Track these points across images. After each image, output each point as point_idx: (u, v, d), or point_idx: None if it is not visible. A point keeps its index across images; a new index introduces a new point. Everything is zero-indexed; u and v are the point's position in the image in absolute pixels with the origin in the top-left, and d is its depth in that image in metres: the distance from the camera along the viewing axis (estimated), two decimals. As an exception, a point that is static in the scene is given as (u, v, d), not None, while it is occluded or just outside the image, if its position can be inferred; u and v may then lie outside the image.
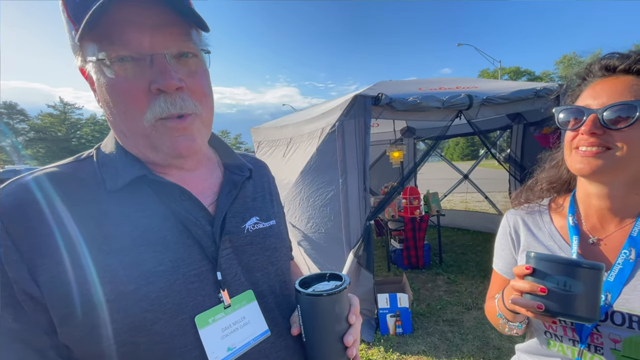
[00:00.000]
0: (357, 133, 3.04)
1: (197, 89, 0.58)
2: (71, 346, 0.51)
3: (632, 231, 0.73)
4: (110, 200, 0.56)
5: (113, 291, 0.50)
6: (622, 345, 0.68)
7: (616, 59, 0.73)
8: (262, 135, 5.30)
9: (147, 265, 0.53)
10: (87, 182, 0.57)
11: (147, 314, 0.51)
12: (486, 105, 3.29)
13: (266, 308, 0.65)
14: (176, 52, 0.55)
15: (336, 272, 0.69)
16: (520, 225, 0.90)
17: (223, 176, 0.71)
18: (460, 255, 5.24)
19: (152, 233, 0.56)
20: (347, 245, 3.11)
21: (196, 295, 0.57)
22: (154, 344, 0.52)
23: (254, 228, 0.69)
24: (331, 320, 0.62)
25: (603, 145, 0.69)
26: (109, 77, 0.53)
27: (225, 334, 0.58)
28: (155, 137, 0.56)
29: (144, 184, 0.59)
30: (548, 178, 0.92)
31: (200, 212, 0.61)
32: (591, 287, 0.62)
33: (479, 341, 2.94)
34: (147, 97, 0.53)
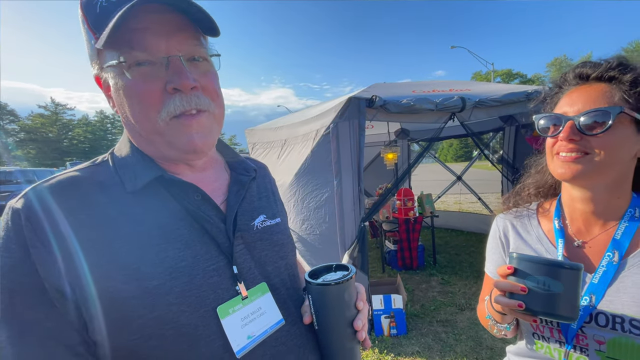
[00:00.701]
0: (352, 135, 3.05)
1: (209, 88, 0.62)
2: (100, 341, 0.53)
3: (615, 234, 0.75)
4: (130, 201, 0.59)
5: (138, 287, 0.53)
6: (607, 347, 0.70)
7: (588, 67, 0.76)
8: (257, 137, 5.29)
9: (169, 261, 0.56)
10: (105, 184, 0.60)
11: (173, 307, 0.54)
12: (479, 108, 3.33)
13: (279, 299, 0.69)
14: (189, 56, 0.59)
15: (342, 263, 0.73)
16: (510, 229, 0.92)
17: (230, 177, 0.76)
18: (454, 256, 5.28)
19: (171, 231, 0.59)
20: (342, 247, 3.12)
21: (216, 288, 0.60)
22: (180, 335, 0.55)
23: (262, 225, 0.73)
24: (341, 307, 0.66)
25: (581, 151, 0.72)
26: (128, 80, 0.56)
27: (244, 323, 0.61)
28: (170, 134, 0.59)
29: (159, 184, 0.62)
30: (535, 183, 0.94)
31: (213, 210, 0.65)
32: (570, 287, 0.64)
33: (472, 341, 2.96)
34: (162, 96, 0.57)
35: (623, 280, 0.71)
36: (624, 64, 0.73)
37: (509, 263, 0.71)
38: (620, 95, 0.70)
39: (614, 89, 0.71)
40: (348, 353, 0.69)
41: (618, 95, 0.70)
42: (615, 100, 0.70)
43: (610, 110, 0.68)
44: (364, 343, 0.71)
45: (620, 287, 0.70)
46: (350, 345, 0.69)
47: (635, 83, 0.70)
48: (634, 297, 0.68)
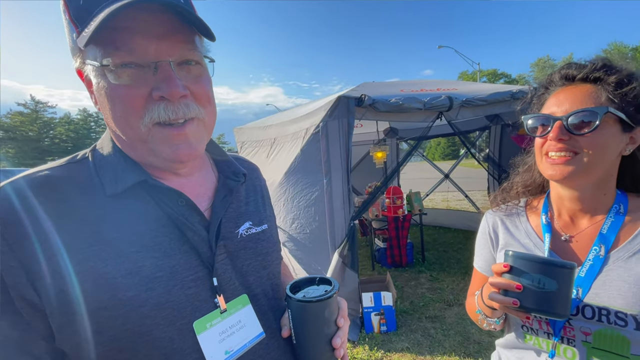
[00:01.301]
0: (341, 134, 3.06)
1: (201, 95, 0.59)
2: (68, 352, 0.51)
3: (602, 229, 0.77)
4: (108, 205, 0.56)
5: (112, 298, 0.50)
6: (593, 338, 0.72)
7: (574, 69, 0.78)
8: (246, 136, 5.25)
9: (146, 271, 0.53)
10: (83, 186, 0.56)
11: (147, 319, 0.52)
12: (466, 107, 3.39)
13: (260, 311, 0.67)
14: (180, 60, 0.55)
15: (326, 277, 0.70)
16: (499, 225, 0.94)
17: (217, 181, 0.72)
18: (442, 253, 5.36)
19: (150, 239, 0.56)
20: (332, 245, 3.13)
21: (194, 300, 0.57)
22: (153, 349, 0.52)
23: (247, 233, 0.70)
24: (320, 324, 0.64)
25: (571, 151, 0.73)
26: (111, 83, 0.52)
27: (222, 338, 0.59)
28: (153, 142, 0.56)
29: (141, 189, 0.59)
30: (522, 182, 0.97)
31: (196, 217, 0.62)
32: (564, 285, 0.65)
33: (460, 336, 3.01)
34: (145, 103, 0.53)
35: (609, 273, 0.73)
36: (607, 65, 0.75)
37: (505, 261, 0.72)
38: (606, 96, 0.72)
39: (599, 89, 0.73)
40: None
41: (604, 95, 0.72)
42: (601, 100, 0.72)
43: (598, 110, 0.70)
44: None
45: (606, 280, 0.73)
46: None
47: (619, 84, 0.72)
48: (619, 290, 0.70)
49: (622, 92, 0.72)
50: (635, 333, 0.67)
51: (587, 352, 0.73)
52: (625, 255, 0.73)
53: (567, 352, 0.76)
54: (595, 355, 0.72)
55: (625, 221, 0.76)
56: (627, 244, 0.74)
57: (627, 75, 0.73)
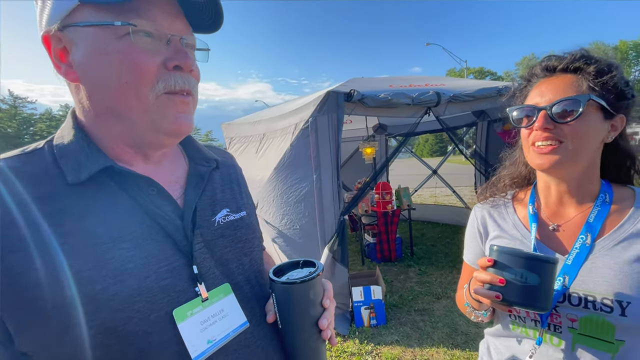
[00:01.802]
0: (330, 129, 3.05)
1: (197, 77, 0.62)
2: (32, 354, 0.48)
3: (589, 218, 0.79)
4: (70, 195, 0.52)
5: (78, 293, 0.47)
6: (579, 324, 0.74)
7: (554, 60, 0.80)
8: (234, 131, 5.18)
9: (114, 263, 0.50)
10: (39, 177, 0.53)
11: (118, 313, 0.49)
12: (453, 102, 3.42)
13: (243, 299, 0.65)
14: (187, 41, 0.59)
15: (310, 259, 0.70)
16: (487, 218, 0.95)
17: (189, 168, 0.70)
18: (431, 247, 5.43)
19: (118, 229, 0.53)
20: (322, 241, 3.13)
21: (170, 291, 0.55)
22: (128, 344, 0.50)
23: (224, 220, 0.69)
24: (306, 306, 0.64)
25: (556, 139, 0.75)
26: (124, 45, 0.52)
27: (204, 327, 0.57)
28: (156, 112, 0.56)
29: (107, 176, 0.56)
30: (509, 175, 0.98)
31: (169, 205, 0.60)
32: (546, 279, 0.67)
33: (448, 328, 3.07)
34: (157, 71, 0.55)
35: (594, 261, 0.74)
36: (586, 55, 0.77)
37: (489, 255, 0.73)
38: (586, 85, 0.74)
39: (580, 79, 0.75)
40: (312, 353, 0.67)
41: (585, 84, 0.74)
42: (582, 89, 0.74)
43: (580, 98, 0.72)
44: (330, 341, 0.68)
45: (592, 267, 0.74)
46: (314, 345, 0.66)
47: (599, 73, 0.74)
48: (605, 277, 0.72)
49: (602, 80, 0.74)
50: (620, 319, 0.69)
51: (573, 338, 0.75)
52: (610, 243, 0.75)
53: (553, 339, 0.77)
54: (581, 341, 0.74)
55: (611, 210, 0.78)
56: (613, 233, 0.75)
57: (606, 64, 0.76)
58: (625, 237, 0.74)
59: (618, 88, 0.75)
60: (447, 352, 2.73)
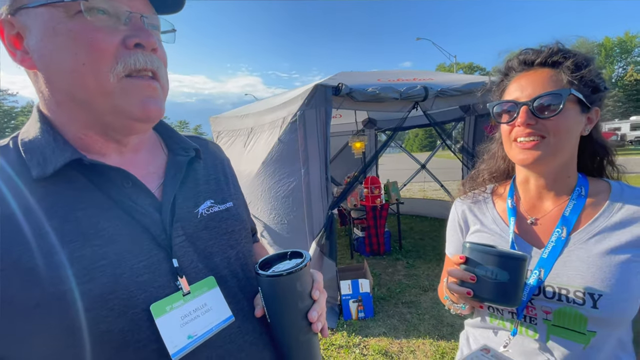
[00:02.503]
0: (319, 123, 3.04)
1: (162, 58, 0.58)
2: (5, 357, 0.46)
3: (565, 211, 0.80)
4: (36, 191, 0.50)
5: (43, 294, 0.45)
6: (553, 316, 0.75)
7: (532, 54, 0.79)
8: (222, 125, 5.11)
9: (85, 261, 0.48)
10: (3, 172, 0.51)
11: (89, 313, 0.47)
12: (440, 97, 3.44)
13: (229, 293, 0.63)
14: (149, 21, 0.55)
15: (298, 250, 0.68)
16: (467, 212, 0.96)
17: (167, 159, 0.67)
18: (419, 241, 5.50)
19: (88, 226, 0.51)
20: (310, 235, 3.13)
21: (147, 287, 0.53)
22: (102, 344, 0.48)
23: (208, 212, 0.66)
24: (293, 298, 0.62)
25: (538, 135, 0.75)
26: (78, 25, 0.49)
27: (184, 322, 0.55)
28: (119, 96, 0.52)
29: (75, 170, 0.53)
30: (488, 169, 0.99)
31: (146, 198, 0.58)
32: (515, 276, 0.68)
33: (434, 320, 3.12)
34: (117, 50, 0.51)
35: (569, 254, 0.76)
36: (563, 49, 0.77)
37: (462, 252, 0.74)
38: (566, 79, 0.74)
39: (559, 73, 0.75)
40: (303, 346, 0.65)
41: (564, 78, 0.74)
42: (562, 83, 0.74)
43: (562, 93, 0.72)
44: (321, 333, 0.66)
45: (567, 260, 0.75)
46: (304, 338, 0.64)
47: (577, 67, 0.75)
48: (578, 270, 0.73)
49: (580, 74, 0.74)
50: (591, 311, 0.71)
51: (547, 330, 0.76)
52: (585, 237, 0.76)
53: (528, 331, 0.79)
54: (555, 333, 0.75)
55: (586, 204, 0.79)
56: (588, 226, 0.76)
57: (583, 58, 0.76)
58: (599, 231, 0.75)
59: (594, 81, 0.76)
60: (433, 343, 2.78)
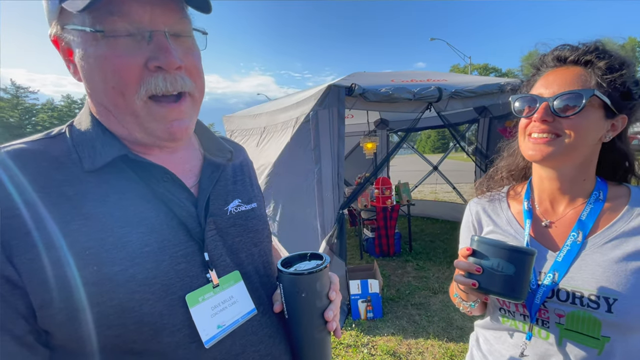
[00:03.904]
0: (331, 122, 3.05)
1: (192, 68, 0.58)
2: (52, 331, 0.49)
3: (581, 215, 0.79)
4: (89, 180, 0.54)
5: (97, 273, 0.49)
6: (566, 319, 0.75)
7: (567, 50, 0.78)
8: (235, 124, 5.18)
9: (132, 246, 0.52)
10: (61, 160, 0.54)
11: (135, 295, 0.51)
12: (454, 98, 3.41)
13: (252, 288, 0.67)
14: (174, 31, 0.54)
15: (317, 252, 0.71)
16: (482, 213, 0.96)
17: (203, 159, 0.71)
18: (429, 243, 5.45)
19: (134, 214, 0.55)
20: (321, 234, 3.15)
21: (184, 275, 0.57)
22: (143, 325, 0.52)
23: (236, 210, 0.70)
24: (312, 297, 0.65)
25: (553, 132, 0.74)
26: (103, 49, 0.51)
27: (214, 312, 0.59)
28: (146, 119, 0.55)
29: (123, 163, 0.57)
30: (507, 166, 0.98)
31: (183, 193, 0.61)
32: (521, 270, 0.69)
33: (443, 322, 3.10)
34: (141, 73, 0.52)
35: (584, 258, 0.75)
36: (600, 49, 0.75)
37: (470, 245, 0.75)
38: (595, 80, 0.72)
39: (589, 72, 0.73)
40: (317, 343, 0.68)
41: (593, 79, 0.72)
42: (590, 84, 0.72)
43: (583, 93, 0.71)
44: (335, 333, 0.69)
45: (582, 264, 0.75)
46: (319, 336, 0.67)
47: (610, 69, 0.72)
48: (593, 274, 0.73)
49: (611, 77, 0.72)
50: (606, 315, 0.70)
51: (560, 333, 0.76)
52: (601, 241, 0.75)
53: (541, 333, 0.79)
54: (568, 337, 0.75)
55: (604, 208, 0.78)
56: (605, 231, 0.75)
57: (619, 61, 0.73)
58: (617, 236, 0.74)
59: (626, 87, 0.73)
60: (442, 345, 2.77)
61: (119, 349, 0.52)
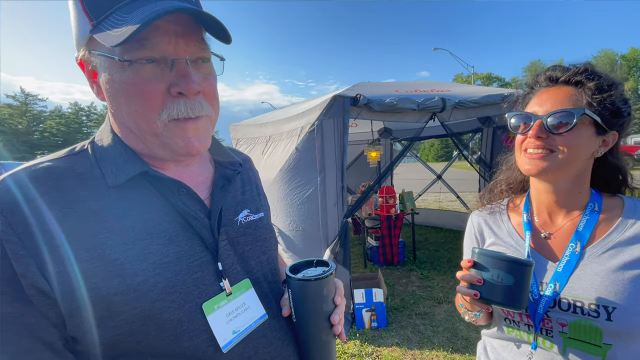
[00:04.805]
0: (336, 132, 3.10)
1: (210, 92, 0.62)
2: (79, 337, 0.53)
3: (578, 226, 0.82)
4: (112, 195, 0.57)
5: (121, 284, 0.52)
6: (569, 329, 0.77)
7: (558, 71, 0.82)
8: (241, 133, 5.25)
9: (153, 257, 0.56)
10: (85, 177, 0.58)
11: (156, 303, 0.54)
12: (458, 109, 3.45)
13: (261, 293, 0.70)
14: (194, 57, 0.58)
15: (323, 259, 0.74)
16: (483, 225, 0.99)
17: (215, 171, 0.74)
18: (433, 252, 5.43)
19: (154, 227, 0.58)
20: (325, 242, 3.16)
21: (200, 284, 0.60)
22: (163, 331, 0.55)
23: (245, 220, 0.73)
24: (319, 302, 0.68)
25: (547, 148, 0.78)
26: (130, 77, 0.54)
27: (229, 319, 0.62)
28: (166, 136, 0.58)
29: (143, 179, 0.61)
30: (506, 180, 1.01)
31: (197, 205, 0.65)
32: (520, 280, 0.71)
33: (448, 332, 3.08)
34: (163, 99, 0.56)
35: (583, 268, 0.78)
36: (589, 70, 0.80)
37: (471, 257, 0.78)
38: (585, 99, 0.77)
39: (579, 92, 0.78)
40: (323, 346, 0.71)
41: (584, 99, 0.77)
42: (581, 103, 0.77)
43: (574, 112, 0.75)
44: (339, 336, 0.72)
45: (581, 274, 0.77)
46: (326, 339, 0.70)
47: (599, 89, 0.77)
48: (592, 284, 0.75)
49: (600, 97, 0.76)
50: (606, 323, 0.72)
51: (563, 342, 0.78)
52: (599, 251, 0.78)
53: (545, 343, 0.81)
54: (571, 345, 0.77)
55: (599, 219, 0.81)
56: (602, 241, 0.78)
57: (608, 82, 0.78)
58: (613, 245, 0.77)
59: (615, 106, 0.77)
60: (447, 356, 2.75)
61: (141, 353, 0.55)
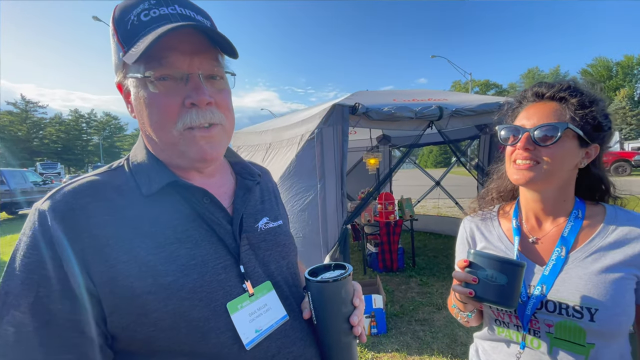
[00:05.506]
0: (335, 140, 3.16)
1: (222, 104, 0.68)
2: (118, 334, 0.58)
3: (564, 232, 0.87)
4: (145, 203, 0.64)
5: (154, 283, 0.58)
6: (555, 329, 0.82)
7: (544, 87, 0.89)
8: (241, 140, 5.32)
9: (181, 260, 0.61)
10: (122, 188, 0.65)
11: (185, 301, 0.59)
12: (455, 117, 3.52)
13: (282, 296, 0.75)
14: (207, 74, 0.65)
15: (340, 262, 0.78)
16: (475, 230, 1.04)
17: (236, 181, 0.81)
18: (432, 258, 5.46)
19: (182, 232, 0.64)
20: (325, 249, 3.20)
21: (224, 285, 0.65)
22: (192, 328, 0.60)
23: (265, 227, 0.79)
24: (338, 303, 0.71)
25: (534, 159, 0.84)
26: (150, 92, 0.62)
27: (252, 318, 0.67)
28: (182, 144, 0.65)
29: (171, 188, 0.67)
30: (496, 188, 1.07)
31: (220, 212, 0.71)
32: (513, 280, 0.76)
33: (448, 339, 3.10)
34: (179, 110, 0.63)
35: (568, 272, 0.83)
36: (572, 87, 0.86)
37: (467, 257, 0.83)
38: (568, 114, 0.83)
39: (563, 108, 0.84)
40: (344, 347, 0.73)
41: (567, 114, 0.83)
42: (564, 117, 0.83)
43: (559, 126, 0.81)
44: (360, 338, 0.74)
45: (566, 277, 0.83)
46: (346, 340, 0.72)
47: (580, 105, 0.83)
48: (576, 287, 0.80)
49: (582, 112, 0.82)
50: (589, 324, 0.77)
51: (550, 342, 0.83)
52: (582, 255, 0.83)
53: (533, 343, 0.85)
54: (558, 345, 0.82)
55: (583, 225, 0.87)
56: (585, 246, 0.84)
57: (589, 99, 0.84)
58: (595, 250, 0.82)
59: (596, 120, 0.83)
60: (446, 362, 2.77)
61: (171, 350, 0.60)
